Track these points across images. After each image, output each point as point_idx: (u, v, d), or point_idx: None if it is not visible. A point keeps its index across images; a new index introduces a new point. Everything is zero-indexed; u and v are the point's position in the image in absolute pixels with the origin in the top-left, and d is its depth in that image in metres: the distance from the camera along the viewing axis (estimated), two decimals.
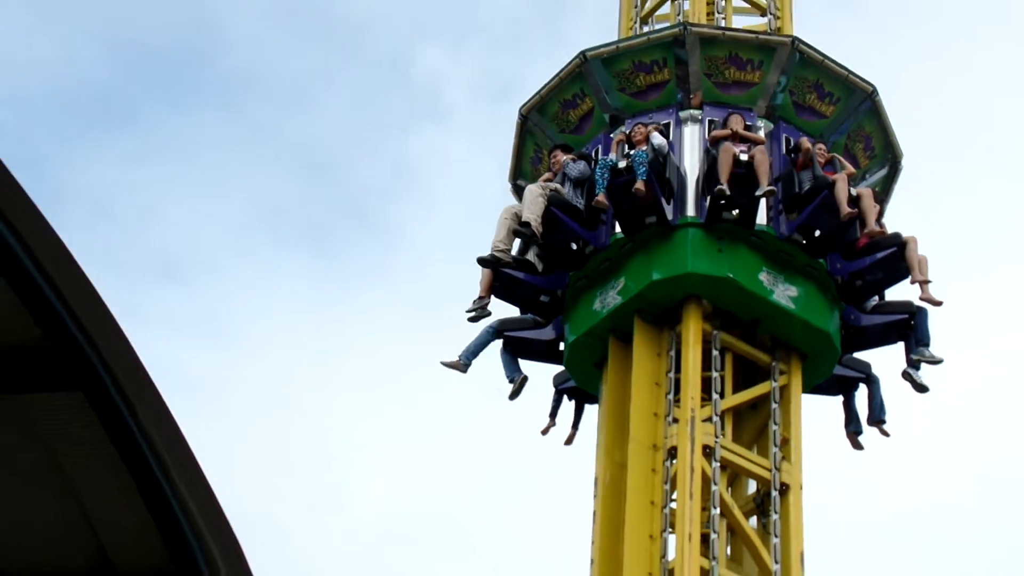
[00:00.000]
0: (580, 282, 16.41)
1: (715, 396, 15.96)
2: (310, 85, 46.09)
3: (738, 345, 16.29)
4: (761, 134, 16.50)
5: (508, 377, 16.86)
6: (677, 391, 15.87)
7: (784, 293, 16.06)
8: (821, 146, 16.55)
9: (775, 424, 16.03)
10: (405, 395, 41.95)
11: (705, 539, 15.14)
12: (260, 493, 36.08)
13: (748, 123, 16.56)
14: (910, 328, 16.58)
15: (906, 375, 16.61)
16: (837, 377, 17.07)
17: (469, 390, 38.80)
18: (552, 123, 17.57)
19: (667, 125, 16.66)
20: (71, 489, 7.65)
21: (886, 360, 17.49)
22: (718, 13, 18.41)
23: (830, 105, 17.20)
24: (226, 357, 43.53)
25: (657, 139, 16.02)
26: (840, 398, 17.32)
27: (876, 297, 16.89)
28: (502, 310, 16.96)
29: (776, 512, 15.64)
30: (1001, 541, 36.36)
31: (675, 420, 15.83)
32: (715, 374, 16.10)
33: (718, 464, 15.53)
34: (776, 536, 15.51)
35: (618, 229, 16.26)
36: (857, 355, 17.18)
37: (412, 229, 44.41)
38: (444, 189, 42.39)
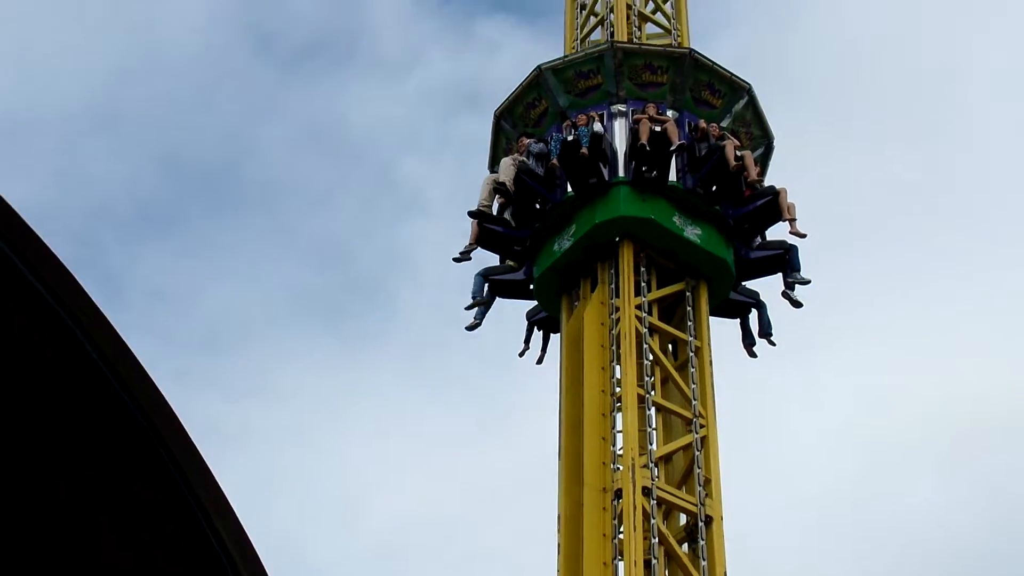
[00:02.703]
0: (543, 231, 21.19)
1: (650, 446, 18.77)
2: (323, 190, 53.68)
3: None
4: (670, 117, 21.38)
5: (476, 316, 21.48)
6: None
7: (692, 231, 20.73)
8: (714, 125, 21.58)
9: (698, 468, 18.93)
10: (403, 431, 48.48)
11: (648, 564, 17.85)
12: (288, 516, 41.86)
13: (660, 111, 21.41)
14: (785, 260, 21.28)
15: (784, 295, 21.25)
16: (735, 302, 21.62)
17: (453, 426, 44.79)
18: (519, 120, 22.49)
19: (602, 116, 21.57)
20: (132, 529, 8.39)
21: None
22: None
23: (719, 99, 22.15)
24: (260, 410, 50.00)
25: (597, 125, 21.35)
26: (738, 320, 21.90)
27: (759, 238, 21.57)
28: (487, 259, 21.95)
29: (703, 539, 18.38)
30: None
31: (619, 467, 18.55)
32: (649, 429, 18.92)
33: (655, 501, 18.25)
34: (704, 559, 18.17)
35: (569, 189, 21.06)
36: (748, 285, 21.72)
37: (404, 302, 51.31)
38: (427, 268, 48.40)
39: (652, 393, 19.47)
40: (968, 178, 47.40)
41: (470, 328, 21.65)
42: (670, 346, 20.78)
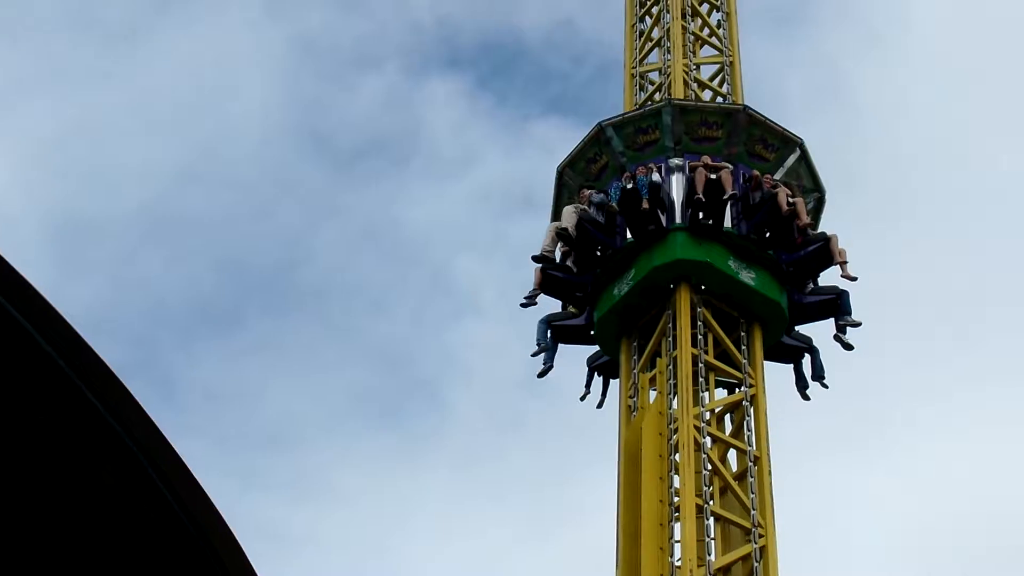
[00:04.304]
0: (603, 277, 22.16)
1: (709, 557, 18.92)
2: (380, 291, 54.18)
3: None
4: (726, 166, 22.28)
5: (544, 362, 22.33)
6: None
7: (747, 275, 21.65)
8: (767, 175, 22.67)
9: None
10: (461, 534, 48.25)
11: None
12: None
13: (715, 162, 22.47)
14: (837, 305, 22.16)
15: (837, 338, 22.07)
16: (789, 347, 22.48)
17: (509, 530, 44.72)
18: (580, 175, 23.55)
19: (660, 167, 22.52)
20: None
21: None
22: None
23: (772, 152, 23.14)
24: (318, 512, 50.03)
25: (655, 175, 22.39)
26: (791, 365, 22.77)
27: (811, 283, 22.47)
28: (550, 305, 22.94)
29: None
30: None
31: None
32: (708, 539, 19.08)
33: None
34: None
35: (629, 236, 22.10)
36: (801, 330, 22.55)
37: (459, 404, 52.02)
38: (481, 370, 48.97)
39: (711, 503, 19.61)
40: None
41: (541, 375, 22.40)
42: (731, 453, 20.95)
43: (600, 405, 22.97)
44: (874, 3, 53.94)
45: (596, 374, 23.11)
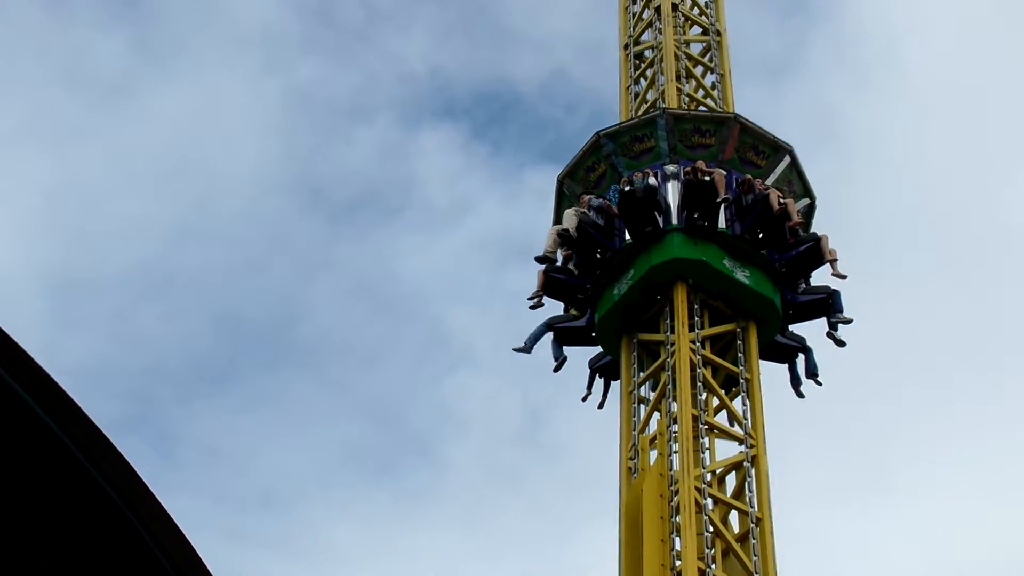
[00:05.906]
0: (603, 278, 23.03)
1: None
2: (374, 345, 54.40)
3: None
4: (718, 171, 23.32)
5: (555, 357, 23.31)
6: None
7: (741, 274, 22.44)
8: (759, 180, 23.64)
9: None
10: None
11: None
12: None
13: (709, 167, 23.39)
14: (828, 304, 23.05)
15: (829, 335, 22.92)
16: (783, 346, 23.28)
17: None
18: (579, 184, 24.51)
19: (656, 173, 23.51)
20: None
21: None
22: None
23: (763, 159, 24.09)
24: (312, 570, 49.76)
25: (651, 179, 23.41)
26: (786, 365, 23.53)
27: (803, 283, 23.34)
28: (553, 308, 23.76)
29: None
30: None
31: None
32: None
33: None
34: None
35: (627, 237, 23.00)
36: (794, 329, 23.33)
37: (456, 459, 52.26)
38: (477, 421, 49.11)
39: (713, 566, 19.62)
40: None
41: (556, 369, 23.29)
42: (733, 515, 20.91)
43: (601, 405, 23.76)
44: (868, 46, 54.76)
45: (597, 375, 23.88)
